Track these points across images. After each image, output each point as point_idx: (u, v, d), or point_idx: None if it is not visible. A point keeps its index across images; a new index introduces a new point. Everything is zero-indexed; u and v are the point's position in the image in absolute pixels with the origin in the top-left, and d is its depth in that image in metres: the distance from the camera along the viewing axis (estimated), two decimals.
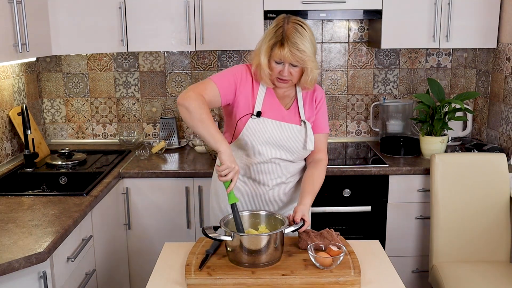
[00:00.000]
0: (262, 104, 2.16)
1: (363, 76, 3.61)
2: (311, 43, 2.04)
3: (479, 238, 2.83)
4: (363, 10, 3.12)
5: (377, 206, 3.06)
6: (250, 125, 2.14)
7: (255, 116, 2.14)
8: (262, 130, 2.14)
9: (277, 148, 2.18)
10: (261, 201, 2.26)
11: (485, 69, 3.38)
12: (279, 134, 2.16)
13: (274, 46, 2.03)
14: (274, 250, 1.89)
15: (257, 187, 2.24)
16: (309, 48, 2.02)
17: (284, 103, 2.22)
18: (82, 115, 3.65)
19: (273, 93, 2.19)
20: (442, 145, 3.10)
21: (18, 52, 2.54)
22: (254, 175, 2.22)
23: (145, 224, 3.05)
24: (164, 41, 3.13)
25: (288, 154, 2.20)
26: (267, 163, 2.19)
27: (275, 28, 2.06)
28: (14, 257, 1.80)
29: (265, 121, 2.15)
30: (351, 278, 1.82)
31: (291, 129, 2.18)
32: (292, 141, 2.18)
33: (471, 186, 2.82)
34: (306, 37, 2.02)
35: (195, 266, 1.89)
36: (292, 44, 2.00)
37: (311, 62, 2.04)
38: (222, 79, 2.11)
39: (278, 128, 2.16)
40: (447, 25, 3.10)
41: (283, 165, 2.22)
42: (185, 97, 1.97)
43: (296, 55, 2.01)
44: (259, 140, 2.15)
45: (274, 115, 2.17)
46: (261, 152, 2.16)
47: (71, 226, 2.13)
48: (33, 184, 2.93)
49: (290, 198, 2.31)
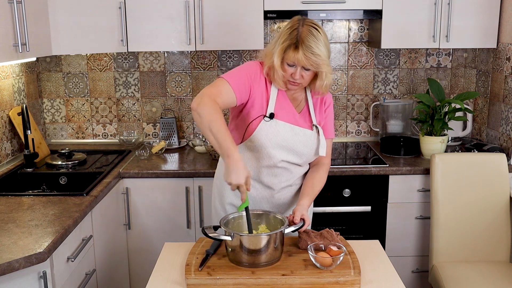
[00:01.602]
0: (275, 106, 2.10)
1: (363, 76, 3.61)
2: (326, 47, 1.99)
3: (479, 238, 2.82)
4: (363, 10, 3.11)
5: (377, 206, 3.06)
6: (262, 127, 2.09)
7: (268, 118, 2.08)
8: (275, 133, 2.09)
9: (288, 152, 2.13)
10: (267, 204, 2.24)
11: (485, 69, 3.38)
12: (291, 137, 2.12)
13: (288, 48, 1.98)
14: (274, 250, 1.88)
15: (264, 190, 2.22)
16: (324, 52, 1.97)
17: (295, 104, 2.18)
18: (82, 115, 3.65)
19: (285, 94, 2.14)
20: (442, 145, 3.10)
21: (18, 52, 2.53)
22: (262, 178, 2.18)
23: (145, 224, 3.05)
24: (164, 41, 3.12)
25: (298, 158, 2.16)
26: (277, 167, 2.15)
27: (289, 30, 2.00)
28: (14, 257, 1.80)
29: (278, 123, 2.10)
30: (351, 278, 1.81)
31: (304, 134, 2.14)
32: (303, 145, 2.14)
33: (471, 186, 2.82)
34: (321, 40, 1.97)
35: (195, 266, 1.88)
36: (307, 47, 1.95)
37: (325, 66, 1.99)
38: (236, 79, 2.03)
39: (290, 131, 2.12)
40: (447, 25, 3.10)
41: (290, 169, 2.19)
42: (198, 103, 1.91)
43: (310, 58, 1.96)
44: (271, 143, 2.10)
45: (287, 117, 2.12)
46: (272, 155, 2.12)
47: (71, 226, 2.13)
48: (33, 184, 2.92)
49: (295, 200, 2.29)
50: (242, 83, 2.04)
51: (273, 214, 2.06)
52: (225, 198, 2.27)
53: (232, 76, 2.03)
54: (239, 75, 2.05)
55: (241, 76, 2.05)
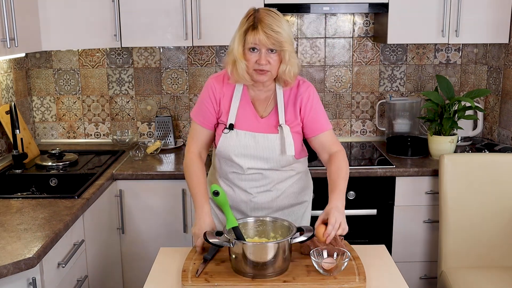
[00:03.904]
0: (236, 115, 2.15)
1: (368, 73, 3.60)
2: (286, 26, 2.00)
3: (490, 243, 2.79)
4: (369, 4, 3.10)
5: (383, 209, 3.04)
6: (223, 139, 2.16)
7: (227, 130, 2.14)
8: (236, 143, 2.15)
9: (254, 159, 2.16)
10: (246, 207, 2.26)
11: (496, 65, 3.37)
12: (253, 145, 2.15)
13: (247, 31, 1.99)
14: (282, 262, 1.85)
15: (241, 194, 2.25)
16: (285, 30, 1.98)
17: (262, 108, 2.17)
18: (73, 113, 3.63)
19: (249, 100, 2.15)
20: (452, 145, 3.07)
21: (6, 47, 2.53)
22: (237, 182, 2.23)
23: (139, 228, 3.04)
24: (160, 36, 3.12)
25: (265, 163, 2.17)
26: (247, 174, 2.19)
27: (246, 17, 2.04)
28: (2, 262, 1.80)
29: (238, 133, 2.14)
30: (356, 284, 1.80)
31: (266, 139, 2.15)
32: (267, 150, 2.15)
33: (482, 188, 2.79)
34: (279, 20, 1.98)
35: (192, 272, 1.87)
36: (266, 25, 1.95)
37: (288, 44, 1.98)
38: (200, 112, 2.18)
39: (252, 139, 2.15)
40: (457, 19, 3.08)
41: (265, 174, 2.20)
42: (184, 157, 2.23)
43: (271, 36, 1.95)
44: (234, 153, 2.15)
45: (248, 125, 2.15)
46: (237, 164, 2.17)
47: (62, 230, 2.13)
48: (22, 186, 2.92)
49: (278, 205, 2.26)
50: (205, 113, 2.18)
51: (281, 221, 2.01)
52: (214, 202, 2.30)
53: (196, 112, 2.21)
54: (200, 105, 2.19)
55: (202, 106, 2.18)
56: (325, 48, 3.54)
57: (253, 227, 2.01)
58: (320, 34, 3.51)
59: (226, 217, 1.89)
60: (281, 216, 2.20)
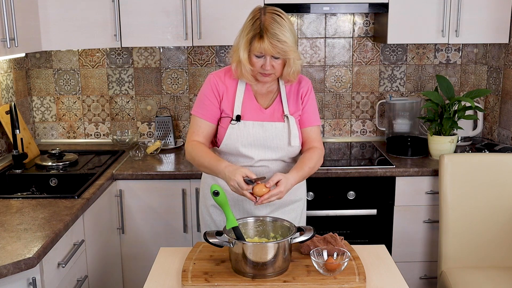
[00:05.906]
0: (242, 107, 2.18)
1: (368, 73, 3.59)
2: (291, 32, 2.03)
3: (490, 243, 2.79)
4: (369, 4, 3.10)
5: (383, 209, 3.04)
6: (231, 131, 2.17)
7: (235, 121, 2.16)
8: (245, 134, 2.17)
9: (263, 149, 2.19)
10: (250, 205, 2.24)
11: (496, 65, 3.36)
12: (262, 134, 2.18)
13: (253, 39, 2.03)
14: (282, 262, 1.85)
15: None
16: (289, 38, 2.01)
17: (265, 102, 2.22)
18: (73, 113, 3.63)
19: (252, 93, 2.20)
20: (452, 145, 3.07)
21: (6, 47, 2.53)
22: None
23: (139, 228, 3.03)
24: (160, 36, 3.11)
25: (274, 153, 2.20)
26: (255, 166, 2.20)
27: (252, 21, 2.05)
28: (2, 262, 1.79)
29: (246, 124, 2.17)
30: (356, 284, 1.80)
31: (274, 127, 2.19)
32: (276, 139, 2.19)
33: (482, 188, 2.78)
34: (285, 26, 2.01)
35: (192, 272, 1.87)
36: (272, 35, 1.99)
37: (293, 52, 2.03)
38: (201, 107, 2.19)
39: (260, 128, 2.18)
40: (457, 19, 3.08)
41: (271, 166, 2.22)
42: (185, 152, 2.20)
43: (277, 46, 2.00)
44: (243, 143, 2.17)
45: (254, 116, 2.18)
46: (247, 156, 2.18)
47: (62, 230, 2.13)
48: (22, 186, 2.92)
49: (281, 201, 2.26)
50: (207, 106, 2.19)
51: (281, 221, 2.01)
52: (207, 201, 2.33)
53: (197, 107, 2.21)
54: (201, 101, 2.20)
55: (203, 101, 2.19)
56: (325, 48, 3.54)
57: (253, 227, 2.01)
58: (320, 34, 3.51)
59: (226, 217, 1.89)
60: (281, 215, 2.21)
